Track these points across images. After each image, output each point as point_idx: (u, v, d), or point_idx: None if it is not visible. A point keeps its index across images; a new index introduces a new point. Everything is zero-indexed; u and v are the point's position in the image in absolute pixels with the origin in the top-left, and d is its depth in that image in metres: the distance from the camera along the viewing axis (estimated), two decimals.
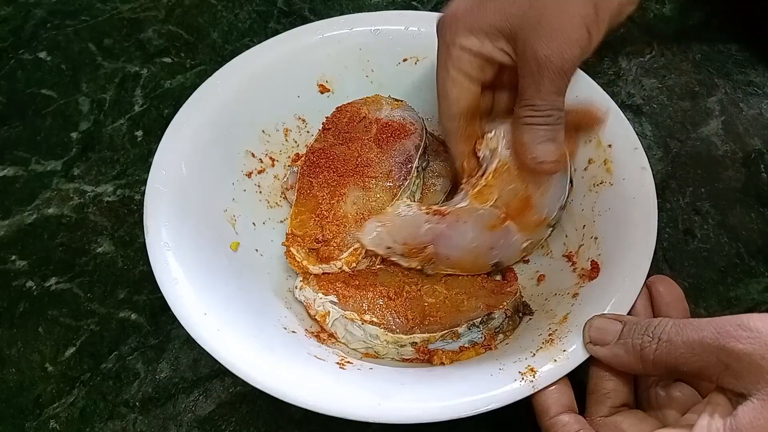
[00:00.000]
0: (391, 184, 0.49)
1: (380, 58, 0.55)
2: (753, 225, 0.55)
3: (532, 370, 0.38)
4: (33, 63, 0.65)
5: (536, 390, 0.37)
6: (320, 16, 0.69)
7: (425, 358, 0.44)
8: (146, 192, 0.46)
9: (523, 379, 0.37)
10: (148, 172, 0.57)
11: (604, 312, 0.40)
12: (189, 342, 0.49)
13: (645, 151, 0.47)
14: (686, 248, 0.53)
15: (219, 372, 0.48)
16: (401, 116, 0.52)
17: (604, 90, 0.50)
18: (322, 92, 0.56)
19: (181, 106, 0.62)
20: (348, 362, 0.43)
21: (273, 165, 0.54)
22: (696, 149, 0.59)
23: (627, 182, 0.46)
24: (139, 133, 0.60)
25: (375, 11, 0.56)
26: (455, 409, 0.37)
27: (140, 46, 0.66)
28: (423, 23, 0.54)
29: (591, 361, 0.39)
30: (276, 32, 0.67)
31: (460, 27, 0.42)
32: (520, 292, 0.47)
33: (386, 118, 0.52)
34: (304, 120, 0.56)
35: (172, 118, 0.61)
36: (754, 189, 0.57)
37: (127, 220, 0.55)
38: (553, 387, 0.37)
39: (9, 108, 0.62)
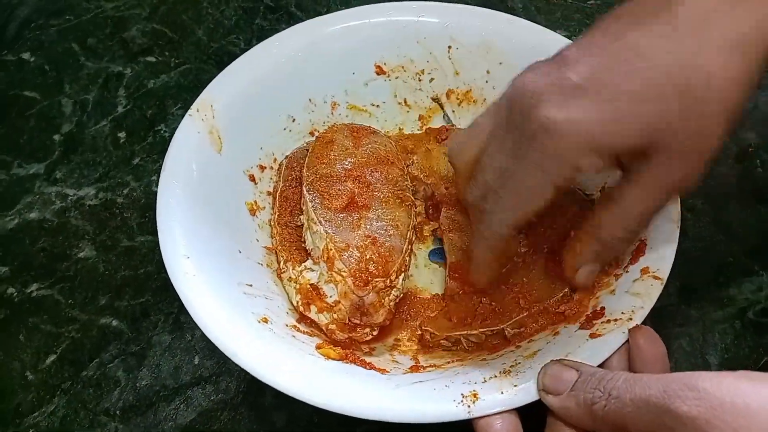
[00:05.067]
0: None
1: (439, 49, 0.55)
2: (748, 222, 0.53)
3: (474, 395, 0.36)
4: (16, 64, 0.64)
5: (471, 416, 0.35)
6: (307, 12, 0.68)
7: None
8: (179, 127, 0.47)
9: (462, 402, 0.36)
10: (130, 174, 0.57)
11: (565, 357, 0.37)
12: (170, 349, 0.49)
13: None
14: (678, 247, 0.52)
15: (200, 379, 0.47)
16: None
17: None
18: (378, 74, 0.55)
19: (165, 106, 0.62)
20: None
21: (312, 135, 0.54)
22: None
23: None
24: (122, 134, 0.60)
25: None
26: (378, 412, 0.36)
27: (124, 45, 0.65)
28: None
29: (548, 410, 0.36)
30: (262, 29, 0.67)
31: (586, 147, 0.34)
32: None
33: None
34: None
35: (156, 118, 0.61)
36: (750, 185, 0.55)
37: (109, 224, 0.54)
38: (498, 416, 0.35)
39: None
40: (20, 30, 0.67)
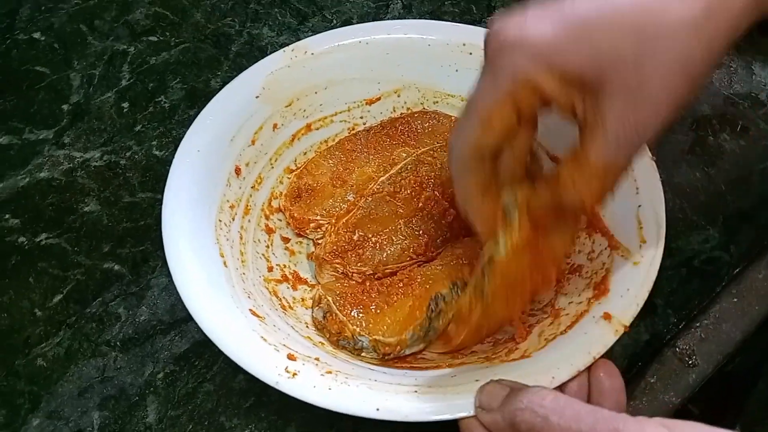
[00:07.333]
0: None
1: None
2: (697, 183, 0.58)
3: None
4: (27, 42, 0.70)
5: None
6: None
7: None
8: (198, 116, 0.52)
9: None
10: (132, 139, 0.62)
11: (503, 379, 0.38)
12: (167, 289, 0.53)
13: None
14: None
15: None
16: None
17: None
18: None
19: (165, 80, 0.67)
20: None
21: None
22: None
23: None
24: (126, 104, 0.65)
25: None
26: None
27: (128, 26, 0.71)
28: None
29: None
30: (257, 13, 0.72)
31: (537, 60, 0.34)
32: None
33: None
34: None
35: (157, 90, 0.66)
36: (701, 150, 0.60)
37: (113, 183, 0.59)
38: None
39: (5, 83, 0.66)
40: (32, 12, 0.72)
